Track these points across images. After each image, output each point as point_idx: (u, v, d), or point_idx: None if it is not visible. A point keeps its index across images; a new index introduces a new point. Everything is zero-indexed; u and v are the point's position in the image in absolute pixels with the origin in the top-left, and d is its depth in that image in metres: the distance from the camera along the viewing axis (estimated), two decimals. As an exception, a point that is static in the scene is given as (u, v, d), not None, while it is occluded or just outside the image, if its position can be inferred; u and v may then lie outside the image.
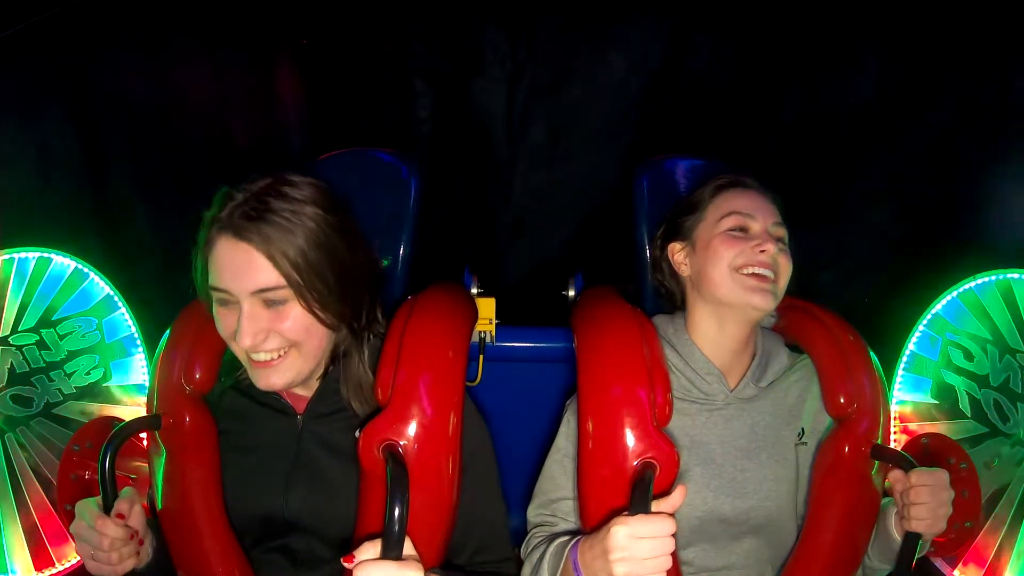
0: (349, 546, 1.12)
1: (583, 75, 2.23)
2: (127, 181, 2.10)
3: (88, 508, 1.11)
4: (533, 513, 1.33)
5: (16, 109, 1.96)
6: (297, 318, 1.10)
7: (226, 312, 1.11)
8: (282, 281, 1.08)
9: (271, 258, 1.07)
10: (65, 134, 2.03)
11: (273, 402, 1.25)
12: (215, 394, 1.26)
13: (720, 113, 2.25)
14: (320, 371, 1.23)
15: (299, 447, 1.21)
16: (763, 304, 1.26)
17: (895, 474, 1.20)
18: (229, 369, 1.28)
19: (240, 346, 1.10)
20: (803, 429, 1.34)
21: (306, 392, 1.25)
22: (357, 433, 1.13)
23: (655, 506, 1.00)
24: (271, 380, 1.12)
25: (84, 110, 2.04)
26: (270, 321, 1.09)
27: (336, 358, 1.22)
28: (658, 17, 2.14)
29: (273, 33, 2.16)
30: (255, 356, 1.11)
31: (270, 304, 1.09)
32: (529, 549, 1.26)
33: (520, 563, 1.27)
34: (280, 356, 1.12)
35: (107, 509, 1.11)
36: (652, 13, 2.13)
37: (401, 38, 2.20)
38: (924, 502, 1.15)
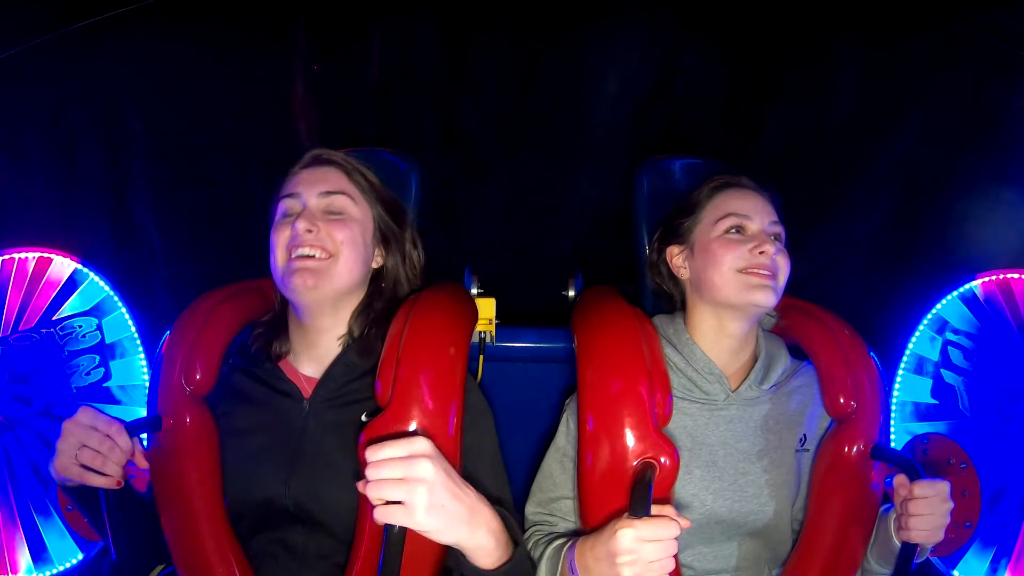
0: (351, 541, 1.12)
1: (579, 89, 2.25)
2: (128, 181, 2.10)
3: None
4: (531, 511, 1.34)
5: (15, 109, 1.96)
6: (349, 227, 1.23)
7: (285, 223, 1.22)
8: (348, 187, 1.25)
9: (342, 167, 1.27)
10: (65, 135, 2.03)
11: (280, 384, 1.26)
12: (222, 374, 1.27)
13: (717, 120, 2.26)
14: (341, 330, 1.26)
15: (304, 431, 1.21)
16: (765, 301, 1.26)
17: (899, 479, 1.20)
18: (240, 350, 1.30)
19: (296, 228, 1.19)
20: (805, 435, 1.33)
21: (315, 373, 1.26)
22: (364, 417, 1.13)
23: (654, 509, 0.99)
24: (307, 279, 1.18)
25: (83, 111, 2.04)
26: (325, 224, 1.21)
27: (358, 321, 1.27)
28: (652, 34, 2.16)
29: (283, 35, 2.16)
30: (299, 251, 1.19)
31: (328, 212, 1.23)
32: (527, 548, 1.26)
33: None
34: (320, 259, 1.20)
35: (110, 512, 1.11)
36: (647, 29, 2.15)
37: (401, 48, 2.21)
38: (924, 514, 1.15)
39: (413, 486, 0.90)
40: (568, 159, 2.33)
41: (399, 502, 0.90)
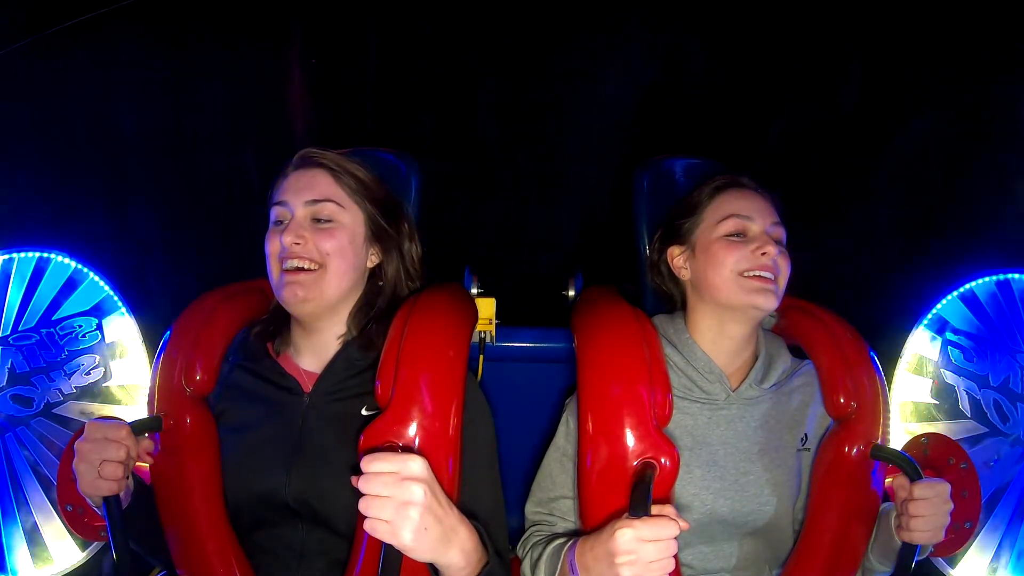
0: (352, 537, 1.12)
1: (579, 89, 2.26)
2: (128, 181, 2.10)
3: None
4: (531, 511, 1.33)
5: (16, 108, 1.96)
6: (336, 237, 1.23)
7: (275, 232, 1.24)
8: (336, 192, 1.24)
9: (330, 169, 1.25)
10: (66, 134, 2.03)
11: (281, 379, 1.26)
12: (223, 371, 1.27)
13: (717, 120, 2.26)
14: (340, 329, 1.26)
15: (304, 425, 1.21)
16: (766, 304, 1.26)
17: (899, 480, 1.20)
18: (241, 347, 1.30)
19: (283, 242, 1.21)
20: (806, 435, 1.33)
21: (316, 368, 1.26)
22: (364, 410, 1.12)
23: (654, 509, 0.99)
24: (297, 292, 1.20)
25: (85, 109, 2.04)
26: (313, 234, 1.22)
27: (356, 319, 1.27)
28: (652, 34, 2.16)
29: (281, 32, 2.16)
30: (289, 263, 1.20)
31: (317, 220, 1.23)
32: (527, 547, 1.25)
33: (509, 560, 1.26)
34: (309, 270, 1.21)
35: (110, 511, 1.11)
36: (646, 29, 2.15)
37: (401, 49, 2.21)
38: (924, 515, 1.14)
39: (402, 509, 0.91)
40: (569, 158, 2.33)
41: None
